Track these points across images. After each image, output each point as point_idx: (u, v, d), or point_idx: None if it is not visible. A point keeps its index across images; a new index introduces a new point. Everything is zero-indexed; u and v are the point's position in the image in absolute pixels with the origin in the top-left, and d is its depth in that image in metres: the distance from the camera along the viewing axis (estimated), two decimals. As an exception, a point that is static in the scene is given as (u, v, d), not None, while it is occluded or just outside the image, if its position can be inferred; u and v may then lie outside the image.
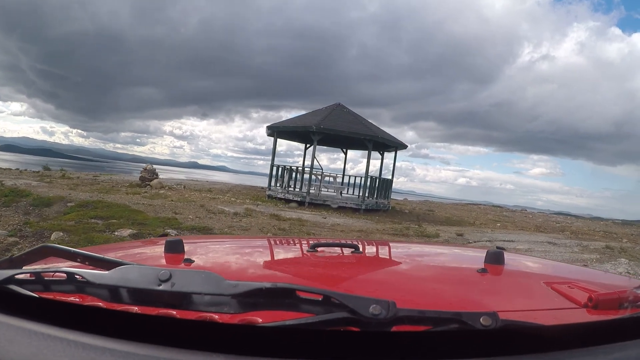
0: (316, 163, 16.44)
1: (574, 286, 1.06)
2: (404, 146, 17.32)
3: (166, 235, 1.88)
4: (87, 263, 0.77)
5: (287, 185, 16.28)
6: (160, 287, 0.62)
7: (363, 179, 16.42)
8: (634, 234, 15.14)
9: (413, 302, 0.98)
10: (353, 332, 0.59)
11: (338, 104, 17.21)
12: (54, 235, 6.37)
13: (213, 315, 0.66)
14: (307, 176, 16.16)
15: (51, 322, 0.57)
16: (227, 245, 1.62)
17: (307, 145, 19.24)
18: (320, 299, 0.62)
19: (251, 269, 1.27)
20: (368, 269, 1.38)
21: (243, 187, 20.21)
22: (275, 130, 16.85)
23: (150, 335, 0.55)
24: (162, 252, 1.23)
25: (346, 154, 21.11)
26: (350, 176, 19.89)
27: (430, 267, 1.47)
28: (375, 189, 16.61)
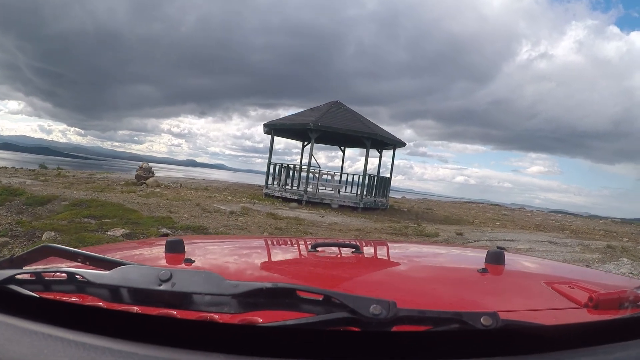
0: (314, 161, 16.35)
1: (574, 286, 1.07)
2: (403, 144, 17.21)
3: (166, 235, 1.86)
4: (88, 263, 0.78)
5: (284, 184, 16.20)
6: (161, 287, 0.63)
7: (361, 177, 16.31)
8: (634, 233, 15.10)
9: (413, 302, 0.98)
10: (353, 332, 0.59)
11: (336, 102, 17.09)
12: (46, 235, 6.29)
13: (214, 315, 0.66)
14: (304, 174, 16.02)
15: (52, 322, 0.58)
16: (227, 246, 1.63)
17: (305, 143, 19.15)
18: (321, 299, 0.63)
19: (252, 269, 1.28)
20: (368, 269, 1.38)
21: (240, 185, 20.12)
22: (273, 128, 16.74)
23: (150, 335, 0.55)
24: (162, 252, 1.23)
25: (344, 152, 21.02)
26: (348, 174, 19.81)
27: (430, 267, 1.48)
28: (374, 187, 16.55)
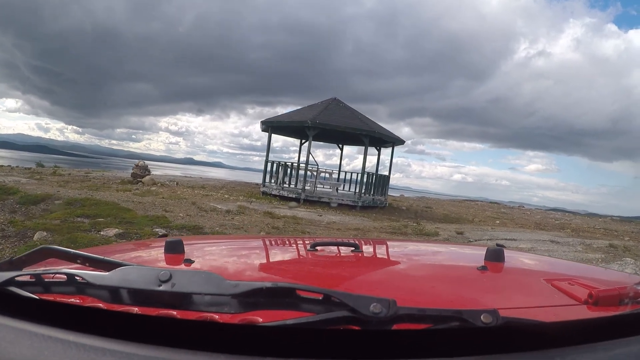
0: (312, 159, 16.19)
1: (574, 283, 1.07)
2: (401, 141, 17.09)
3: (165, 236, 1.80)
4: (88, 264, 0.78)
5: (282, 182, 16.10)
6: (161, 288, 0.63)
7: (359, 175, 16.17)
8: (635, 232, 15.07)
9: (413, 300, 0.99)
10: (354, 331, 0.59)
11: (334, 99, 16.97)
12: (37, 235, 6.20)
13: (214, 315, 0.66)
14: (302, 172, 15.86)
15: (52, 323, 0.57)
16: (227, 246, 1.63)
17: (303, 140, 19.05)
18: (321, 298, 0.63)
19: (251, 268, 1.28)
20: (368, 268, 1.38)
21: (237, 183, 20.01)
22: (270, 126, 16.60)
23: (151, 336, 0.55)
24: (162, 252, 1.23)
25: (342, 149, 20.95)
26: (346, 172, 19.70)
27: (430, 266, 1.48)
28: (372, 186, 16.47)
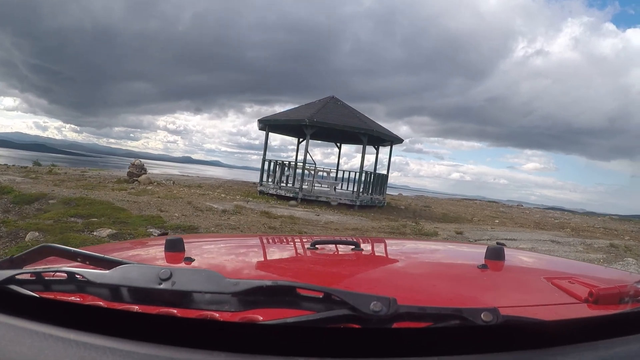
0: (309, 158, 16.04)
1: (574, 281, 1.08)
2: (400, 140, 17.00)
3: (166, 234, 1.91)
4: (88, 262, 0.78)
5: (279, 181, 16.00)
6: (161, 286, 0.63)
7: (357, 174, 16.06)
8: (634, 231, 15.03)
9: (414, 298, 0.99)
10: (354, 329, 0.59)
11: (332, 97, 16.88)
12: (29, 236, 6.15)
13: (214, 313, 0.67)
14: (299, 171, 15.72)
15: (52, 322, 0.58)
16: (227, 244, 1.64)
17: (300, 139, 18.95)
18: (321, 296, 0.63)
19: (251, 267, 1.28)
20: (368, 266, 1.39)
21: (234, 182, 19.91)
22: (267, 124, 16.51)
23: (151, 334, 0.55)
24: (162, 251, 1.24)
25: (340, 148, 20.88)
26: (344, 171, 19.62)
27: (430, 264, 1.48)
28: (370, 185, 16.39)
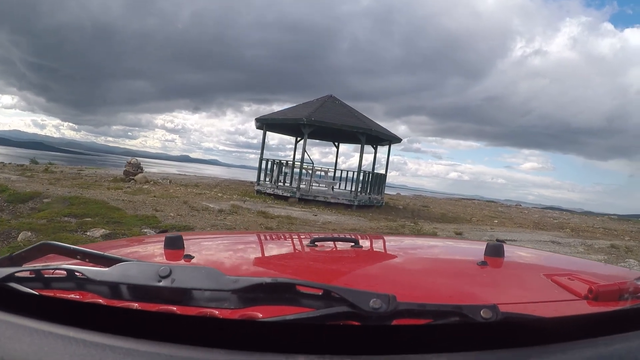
0: (307, 157, 15.93)
1: (574, 278, 1.08)
2: (398, 140, 16.94)
3: (165, 231, 1.95)
4: (87, 260, 0.77)
5: (276, 180, 15.88)
6: (161, 284, 0.63)
7: (355, 173, 15.95)
8: (634, 231, 15.02)
9: (413, 295, 0.99)
10: (353, 326, 0.59)
11: (330, 96, 16.79)
12: (22, 235, 6.09)
13: (213, 310, 0.66)
14: (297, 170, 15.55)
15: (52, 319, 0.58)
16: (227, 241, 1.63)
17: (298, 138, 18.85)
18: (321, 293, 0.63)
19: (251, 264, 1.28)
20: (368, 263, 1.39)
21: (232, 181, 19.83)
22: (265, 123, 16.42)
23: (151, 332, 0.55)
24: (161, 248, 1.23)
25: (338, 147, 20.80)
26: (342, 170, 19.52)
27: (430, 261, 1.49)
28: (369, 184, 16.34)
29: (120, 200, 9.69)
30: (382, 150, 17.94)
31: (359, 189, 15.75)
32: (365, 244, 1.61)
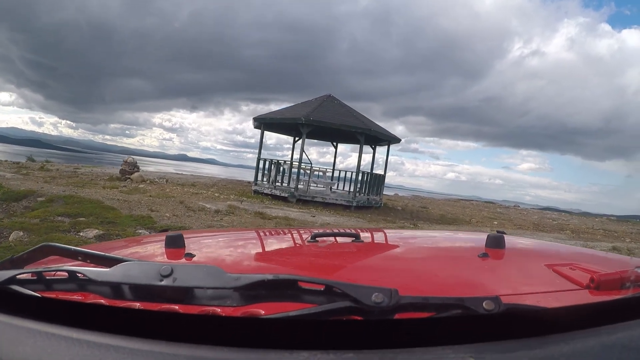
0: (305, 157, 15.79)
1: (575, 267, 1.08)
2: (397, 140, 16.88)
3: (166, 230, 1.96)
4: (89, 261, 0.78)
5: (274, 180, 15.77)
6: (162, 283, 0.63)
7: (354, 173, 15.85)
8: (634, 232, 14.98)
9: (415, 289, 0.99)
10: (356, 321, 0.60)
11: (328, 96, 16.72)
12: (13, 235, 6.01)
13: (216, 309, 0.67)
14: (295, 170, 15.44)
15: (54, 321, 0.58)
16: (227, 239, 1.64)
17: (296, 138, 18.76)
18: (323, 289, 0.63)
19: (253, 261, 1.29)
20: (369, 258, 1.39)
21: (229, 181, 19.73)
22: (263, 123, 16.34)
23: (153, 331, 0.56)
24: (162, 247, 1.24)
25: (336, 147, 20.74)
26: (340, 171, 19.46)
27: (431, 254, 1.49)
28: (367, 185, 16.28)
29: (115, 199, 9.62)
30: (380, 151, 17.87)
31: (358, 190, 15.72)
32: (366, 238, 1.61)
